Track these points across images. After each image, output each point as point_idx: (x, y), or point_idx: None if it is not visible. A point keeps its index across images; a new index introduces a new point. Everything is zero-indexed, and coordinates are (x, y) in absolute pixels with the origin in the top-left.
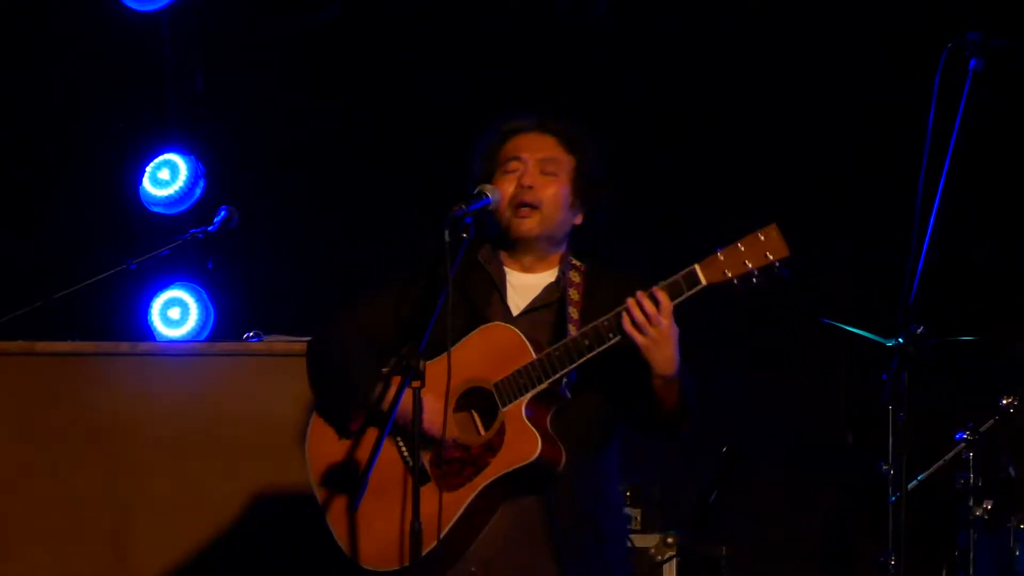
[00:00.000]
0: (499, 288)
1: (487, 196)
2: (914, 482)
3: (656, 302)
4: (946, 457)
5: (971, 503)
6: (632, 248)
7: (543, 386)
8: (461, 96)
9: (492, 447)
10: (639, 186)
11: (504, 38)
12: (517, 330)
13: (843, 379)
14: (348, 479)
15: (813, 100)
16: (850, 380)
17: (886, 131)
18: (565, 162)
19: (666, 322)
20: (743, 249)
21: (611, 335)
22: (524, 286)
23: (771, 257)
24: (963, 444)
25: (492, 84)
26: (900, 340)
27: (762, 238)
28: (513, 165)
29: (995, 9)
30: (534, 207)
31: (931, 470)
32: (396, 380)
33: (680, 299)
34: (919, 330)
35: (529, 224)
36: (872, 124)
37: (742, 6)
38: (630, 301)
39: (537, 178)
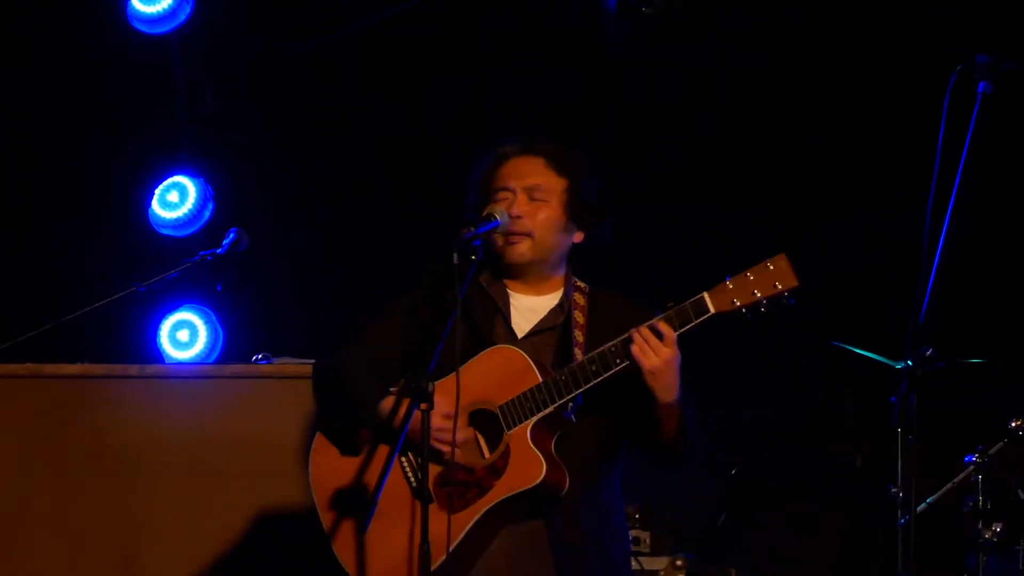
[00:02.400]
0: (503, 311)
1: (496, 219)
2: (923, 505)
3: (661, 334)
4: (955, 480)
5: (980, 526)
6: (643, 266)
7: (549, 410)
8: (470, 116)
9: (496, 470)
10: (655, 207)
11: (513, 56)
12: (524, 353)
13: (852, 402)
14: (353, 504)
15: (822, 120)
16: (859, 403)
17: (895, 152)
18: (554, 185)
19: (671, 350)
20: (752, 278)
21: (618, 361)
22: (528, 308)
23: (780, 287)
24: (972, 467)
25: (501, 102)
26: (909, 363)
27: (771, 267)
28: (502, 195)
29: (1004, 31)
30: (525, 235)
31: (940, 493)
32: (405, 402)
33: (688, 327)
34: (928, 353)
35: (521, 249)
36: (881, 145)
37: (748, 16)
38: (639, 328)
39: (525, 206)
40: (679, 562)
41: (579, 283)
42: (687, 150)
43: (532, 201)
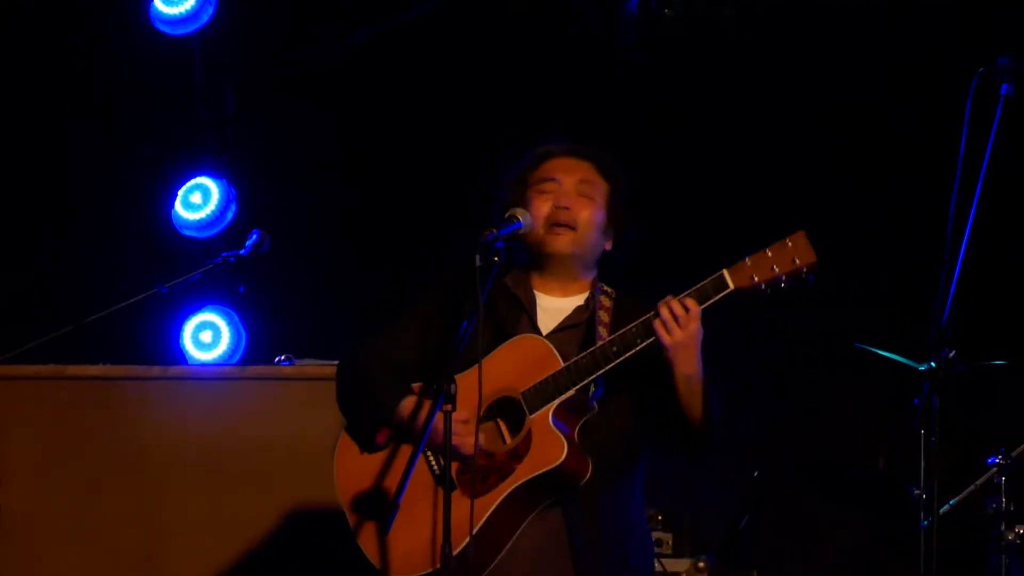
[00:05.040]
0: (528, 311)
1: (518, 220)
2: (946, 507)
3: (686, 307)
4: (978, 482)
5: (1003, 528)
6: (660, 262)
7: (570, 393)
8: (491, 121)
9: (518, 454)
10: (672, 204)
11: (537, 60)
12: (545, 340)
13: (875, 404)
14: (378, 501)
15: (845, 123)
16: (882, 405)
17: (918, 155)
18: (601, 187)
19: (694, 325)
20: (771, 255)
21: (639, 340)
22: (555, 309)
23: (798, 262)
24: (995, 469)
25: (525, 108)
26: (932, 364)
27: (790, 244)
28: (549, 186)
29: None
30: (570, 227)
31: (963, 495)
32: (427, 403)
33: (708, 303)
34: (951, 355)
35: (563, 241)
36: (904, 148)
37: (769, 18)
38: (661, 303)
39: (575, 199)
40: (701, 564)
41: (606, 288)
42: (710, 150)
43: (580, 196)
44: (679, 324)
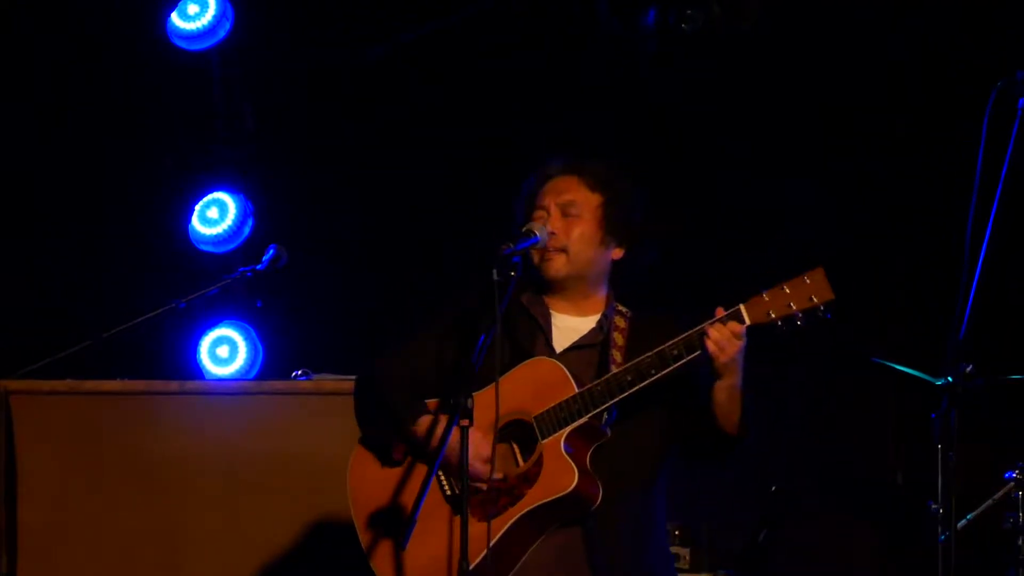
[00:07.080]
0: (544, 330)
1: (535, 235)
2: (963, 521)
3: (732, 330)
4: (995, 496)
5: (1020, 542)
6: (677, 287)
7: (583, 420)
8: (513, 134)
9: (529, 478)
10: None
11: (557, 71)
12: (561, 364)
13: (892, 418)
14: (391, 519)
15: (862, 138)
16: (899, 419)
17: (936, 168)
18: (588, 201)
19: (743, 340)
20: (788, 291)
21: (653, 371)
22: (570, 328)
23: (815, 300)
24: (1012, 483)
25: (545, 122)
26: (949, 379)
27: (807, 281)
28: (538, 213)
29: None
30: (560, 251)
31: (980, 509)
32: (443, 418)
33: None
34: (968, 369)
35: (556, 265)
36: (921, 161)
37: (788, 34)
38: (712, 327)
39: (559, 222)
40: None
41: (620, 307)
42: (727, 167)
43: (566, 217)
44: (735, 338)
